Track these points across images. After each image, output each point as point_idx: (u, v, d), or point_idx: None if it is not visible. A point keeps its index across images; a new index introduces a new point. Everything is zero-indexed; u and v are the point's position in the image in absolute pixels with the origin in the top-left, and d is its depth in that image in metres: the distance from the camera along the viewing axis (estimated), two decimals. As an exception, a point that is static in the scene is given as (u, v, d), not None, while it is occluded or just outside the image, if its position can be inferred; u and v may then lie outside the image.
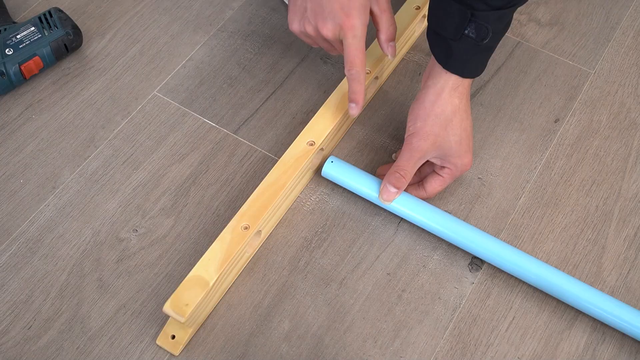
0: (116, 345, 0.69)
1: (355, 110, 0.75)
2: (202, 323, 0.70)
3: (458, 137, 0.72)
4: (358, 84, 0.73)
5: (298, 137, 0.76)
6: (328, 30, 0.70)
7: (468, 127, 0.73)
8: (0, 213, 0.77)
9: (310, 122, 0.77)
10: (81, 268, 0.73)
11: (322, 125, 0.77)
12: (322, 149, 0.77)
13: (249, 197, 0.73)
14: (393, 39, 0.76)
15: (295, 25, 0.73)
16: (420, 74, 0.89)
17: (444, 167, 0.74)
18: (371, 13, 0.73)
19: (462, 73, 0.70)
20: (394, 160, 0.81)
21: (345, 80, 0.80)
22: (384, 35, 0.75)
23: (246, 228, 0.69)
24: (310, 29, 0.72)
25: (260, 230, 0.72)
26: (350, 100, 0.74)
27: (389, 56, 0.77)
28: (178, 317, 0.64)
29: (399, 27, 0.85)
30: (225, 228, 0.69)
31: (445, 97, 0.71)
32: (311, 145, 0.75)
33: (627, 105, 0.86)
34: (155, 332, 0.70)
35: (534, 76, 0.89)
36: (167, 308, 0.64)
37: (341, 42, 0.71)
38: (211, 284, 0.66)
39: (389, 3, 0.74)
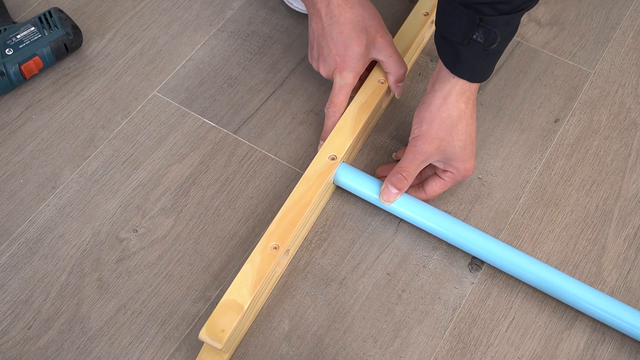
0: (116, 345, 0.69)
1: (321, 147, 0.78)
2: (236, 347, 0.69)
3: (462, 142, 0.72)
4: (330, 122, 0.79)
5: (319, 151, 0.75)
6: (324, 70, 0.80)
7: (473, 132, 0.73)
8: (0, 213, 0.77)
9: (330, 135, 0.77)
10: (81, 268, 0.73)
11: (342, 139, 0.76)
12: (343, 162, 0.76)
13: (248, 198, 0.73)
14: (402, 80, 0.81)
15: (309, 57, 0.83)
16: (420, 74, 0.89)
17: (446, 170, 0.74)
18: (378, 61, 0.80)
19: (470, 78, 0.70)
20: (395, 161, 0.81)
21: (361, 90, 0.80)
22: (393, 77, 0.80)
23: (275, 248, 0.68)
24: (314, 64, 0.82)
25: (288, 250, 0.71)
26: (322, 138, 0.80)
27: (397, 95, 0.82)
28: (215, 344, 0.63)
29: (409, 33, 0.84)
30: (255, 249, 0.68)
31: (452, 101, 0.71)
32: (333, 159, 0.75)
33: (627, 105, 0.86)
34: (155, 332, 0.70)
35: (534, 76, 0.88)
36: (203, 335, 0.63)
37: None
38: (245, 308, 0.65)
39: (394, 48, 0.79)
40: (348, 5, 0.77)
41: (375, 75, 0.81)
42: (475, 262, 0.74)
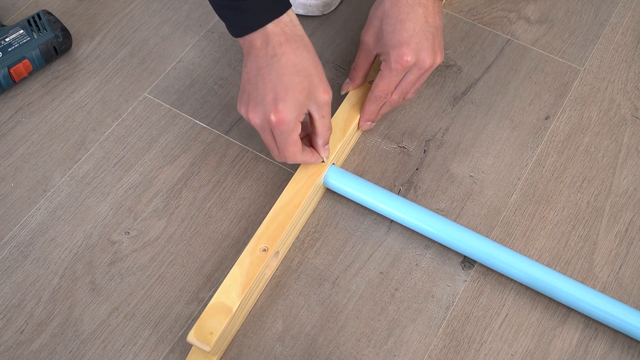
0: (109, 348, 0.69)
1: None
2: (226, 349, 0.69)
3: (392, 27, 0.73)
4: (292, 161, 0.72)
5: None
6: (256, 117, 0.68)
7: (406, 20, 0.72)
8: (-9, 217, 0.76)
9: None
10: (73, 271, 0.73)
11: (332, 141, 0.76)
12: (334, 164, 0.77)
13: (240, 199, 0.72)
14: (328, 142, 0.74)
15: (238, 103, 0.71)
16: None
17: (384, 61, 0.75)
18: (310, 115, 0.70)
19: None
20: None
21: (352, 92, 0.80)
22: (321, 140, 0.72)
23: (264, 250, 0.68)
24: (243, 110, 0.69)
25: (278, 252, 0.71)
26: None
27: (324, 158, 0.74)
28: (203, 347, 0.63)
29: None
30: (244, 251, 0.68)
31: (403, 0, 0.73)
32: (323, 161, 0.75)
33: (616, 101, 0.87)
34: (149, 334, 0.70)
35: (524, 74, 0.89)
36: (192, 337, 0.63)
37: (271, 133, 0.69)
38: (234, 310, 0.65)
39: (329, 108, 0.70)
40: (292, 46, 0.67)
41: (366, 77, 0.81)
42: (468, 260, 0.75)
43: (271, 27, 0.66)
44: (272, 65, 0.66)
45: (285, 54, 0.66)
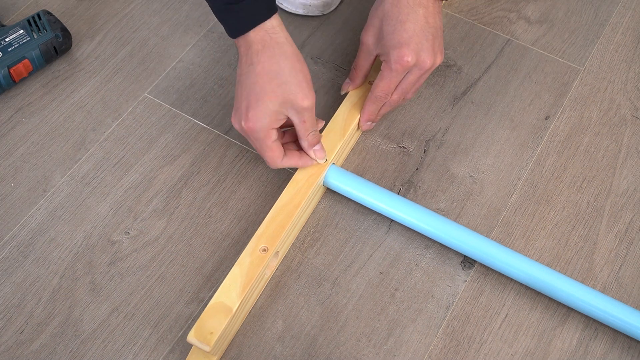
0: (109, 348, 0.69)
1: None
2: (225, 349, 0.69)
3: (392, 28, 0.73)
4: (274, 165, 0.73)
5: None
6: (234, 121, 0.71)
7: (406, 20, 0.73)
8: (-9, 217, 0.76)
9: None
10: (73, 271, 0.73)
11: (332, 141, 0.76)
12: (334, 164, 0.77)
13: (240, 199, 0.72)
14: (316, 143, 0.73)
15: None
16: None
17: (385, 62, 0.75)
18: (291, 121, 0.71)
19: None
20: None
21: (352, 92, 0.80)
22: (305, 142, 0.72)
23: (264, 250, 0.68)
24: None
25: (277, 252, 0.71)
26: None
27: (318, 160, 0.74)
28: (203, 347, 0.63)
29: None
30: (244, 251, 0.69)
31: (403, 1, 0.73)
32: (320, 163, 0.75)
33: (616, 101, 0.87)
34: (149, 334, 0.70)
35: (524, 74, 0.89)
36: (192, 337, 0.63)
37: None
38: (234, 310, 0.65)
39: (311, 112, 0.70)
40: (268, 53, 0.67)
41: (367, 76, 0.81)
42: (468, 260, 0.75)
43: (252, 34, 0.68)
44: (249, 73, 0.68)
45: (261, 62, 0.67)
